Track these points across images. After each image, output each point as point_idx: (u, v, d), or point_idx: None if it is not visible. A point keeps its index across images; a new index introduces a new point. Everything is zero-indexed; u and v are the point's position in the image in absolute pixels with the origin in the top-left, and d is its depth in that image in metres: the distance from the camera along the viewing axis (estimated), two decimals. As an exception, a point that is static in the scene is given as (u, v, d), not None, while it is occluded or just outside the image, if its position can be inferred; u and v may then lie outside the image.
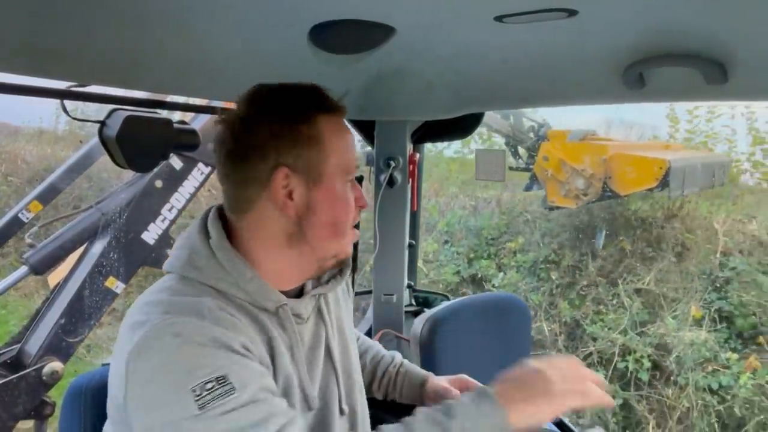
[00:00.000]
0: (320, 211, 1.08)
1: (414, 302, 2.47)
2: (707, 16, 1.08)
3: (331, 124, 1.09)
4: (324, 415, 1.17)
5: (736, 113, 6.05)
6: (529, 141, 6.00)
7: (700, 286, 5.10)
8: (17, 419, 2.73)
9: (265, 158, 1.04)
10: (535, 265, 5.95)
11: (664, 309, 5.13)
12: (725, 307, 4.92)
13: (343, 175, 1.10)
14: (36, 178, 7.92)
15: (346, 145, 1.11)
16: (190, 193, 3.28)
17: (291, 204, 1.06)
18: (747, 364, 4.49)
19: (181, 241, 1.11)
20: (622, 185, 4.96)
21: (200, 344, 0.91)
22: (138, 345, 0.92)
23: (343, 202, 1.10)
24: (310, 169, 1.06)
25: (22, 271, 2.96)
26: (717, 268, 5.13)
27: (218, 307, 0.99)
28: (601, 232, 5.68)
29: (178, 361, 0.90)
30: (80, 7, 0.99)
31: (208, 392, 0.87)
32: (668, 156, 4.80)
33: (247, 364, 0.95)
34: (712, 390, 4.55)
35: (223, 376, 0.89)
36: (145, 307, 1.00)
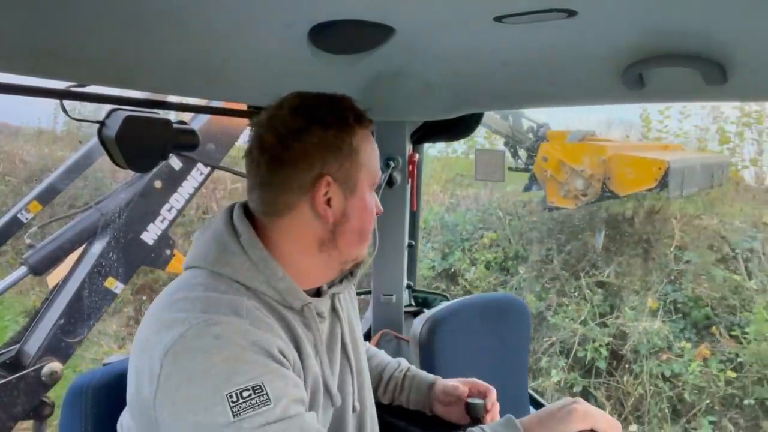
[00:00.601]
0: (352, 219, 1.13)
1: (413, 302, 2.47)
2: (707, 17, 1.08)
3: (364, 136, 1.15)
4: (340, 412, 1.20)
5: (704, 114, 6.31)
6: (529, 141, 6.01)
7: (657, 279, 5.34)
8: (16, 420, 2.73)
9: (312, 166, 1.08)
10: (506, 260, 6.22)
11: (623, 301, 5.36)
12: (680, 299, 5.16)
13: (371, 186, 1.17)
14: (33, 177, 8.11)
15: (375, 156, 1.18)
16: (189, 193, 3.28)
17: (330, 211, 1.10)
18: (697, 352, 4.71)
19: (205, 237, 1.12)
20: (621, 186, 4.97)
21: (241, 348, 0.92)
22: (176, 344, 0.92)
23: (370, 211, 1.16)
24: (348, 179, 1.11)
25: (21, 271, 2.96)
26: (672, 262, 5.39)
27: (255, 307, 1.01)
28: (600, 232, 5.70)
29: (217, 365, 0.90)
30: (80, 8, 0.99)
31: (244, 400, 0.88)
32: (667, 157, 4.81)
33: (283, 373, 0.96)
34: (665, 377, 4.76)
35: (259, 385, 0.90)
36: (180, 303, 1.00)
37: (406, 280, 2.34)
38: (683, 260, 5.37)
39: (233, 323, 0.95)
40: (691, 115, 6.38)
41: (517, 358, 1.99)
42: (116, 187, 3.31)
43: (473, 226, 6.70)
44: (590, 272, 5.70)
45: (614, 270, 5.60)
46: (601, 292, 5.56)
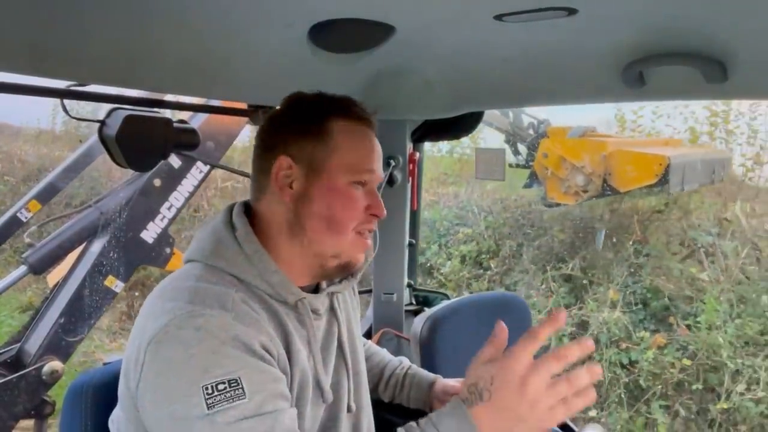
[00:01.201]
0: (316, 202, 1.11)
1: (414, 301, 2.47)
2: (707, 15, 1.08)
3: (346, 127, 1.14)
4: (333, 411, 1.19)
5: (675, 113, 6.42)
6: (529, 138, 6.00)
7: (618, 272, 5.53)
8: (17, 419, 2.73)
9: (276, 146, 1.13)
10: (479, 255, 6.42)
11: (587, 292, 5.56)
12: (639, 291, 5.37)
13: (347, 174, 1.12)
14: (31, 177, 8.21)
15: (357, 147, 1.15)
16: (189, 191, 3.27)
17: (289, 192, 1.11)
18: (653, 341, 4.90)
19: (204, 232, 1.15)
20: (622, 182, 4.97)
21: (220, 341, 0.93)
22: (158, 333, 0.94)
23: (341, 199, 1.12)
24: (312, 161, 1.11)
25: (21, 270, 2.96)
26: (632, 255, 5.60)
27: (242, 300, 1.01)
28: (600, 232, 5.72)
29: (195, 357, 0.91)
30: (80, 7, 0.99)
31: (219, 393, 0.89)
32: (668, 152, 4.80)
33: (262, 368, 0.96)
34: (623, 365, 4.94)
35: (236, 379, 0.90)
36: (170, 292, 1.02)
37: (407, 279, 2.34)
38: (643, 254, 5.61)
39: (216, 316, 0.95)
40: (663, 115, 6.55)
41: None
42: (113, 186, 3.30)
43: (450, 222, 6.88)
44: (556, 266, 5.92)
45: (579, 264, 5.80)
46: (566, 285, 5.77)
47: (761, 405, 4.31)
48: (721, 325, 4.72)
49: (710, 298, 4.86)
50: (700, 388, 4.59)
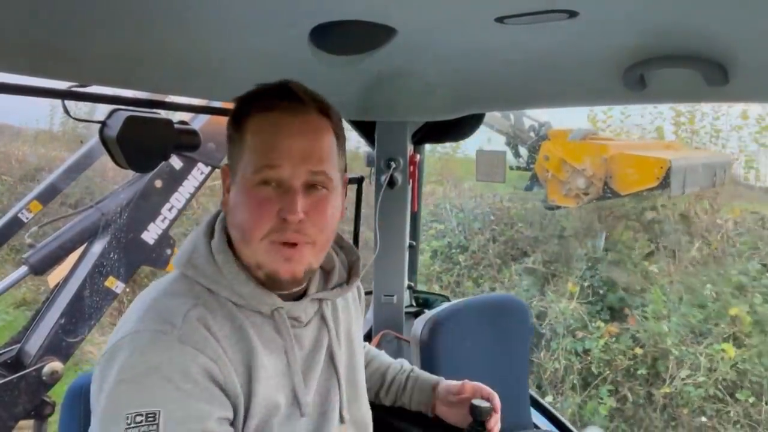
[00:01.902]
0: (234, 211, 1.05)
1: (414, 303, 2.47)
2: (708, 18, 1.08)
3: (257, 120, 1.04)
4: (320, 423, 1.15)
5: (645, 113, 6.53)
6: (530, 140, 6.00)
7: (577, 266, 5.85)
8: (17, 419, 2.73)
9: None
10: (450, 250, 6.62)
11: (550, 284, 5.87)
12: (596, 284, 5.66)
13: (250, 174, 1.01)
14: (28, 176, 8.23)
15: (261, 141, 1.02)
16: (190, 192, 3.27)
17: (225, 199, 1.09)
18: (605, 330, 5.17)
19: (188, 238, 1.12)
20: (623, 185, 4.96)
21: (151, 367, 0.91)
22: (106, 353, 0.95)
23: (247, 204, 1.02)
24: (233, 166, 1.07)
25: (22, 271, 2.96)
26: (590, 250, 5.93)
27: (197, 316, 0.98)
28: (600, 234, 5.74)
29: (124, 382, 0.91)
30: (81, 8, 0.99)
31: (136, 425, 0.87)
32: (669, 155, 4.80)
33: (188, 403, 0.92)
34: (577, 353, 5.18)
35: (153, 413, 0.88)
36: (136, 304, 1.03)
37: (407, 281, 2.34)
38: (602, 249, 5.89)
39: (156, 339, 0.94)
40: (632, 114, 6.65)
41: (518, 358, 1.99)
42: (107, 185, 3.30)
43: (425, 219, 6.91)
44: (520, 260, 6.24)
45: (541, 258, 6.07)
46: (529, 278, 6.05)
47: (700, 389, 4.58)
48: (666, 314, 5.02)
49: (656, 289, 5.17)
50: (646, 373, 4.89)
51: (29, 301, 6.44)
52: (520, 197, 6.68)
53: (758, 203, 6.09)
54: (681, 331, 4.89)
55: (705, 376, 4.61)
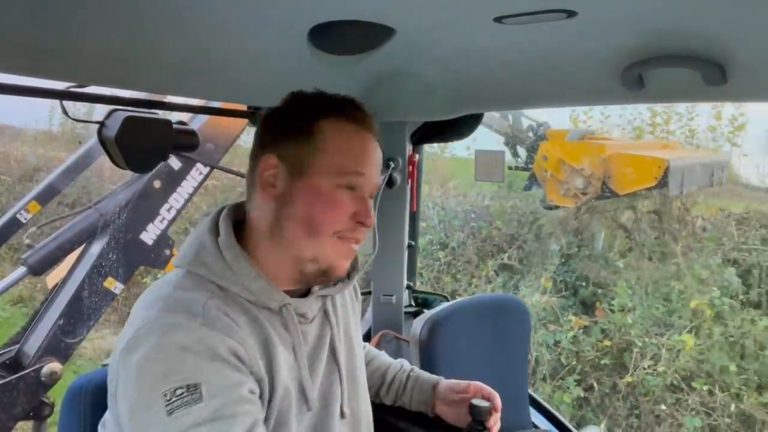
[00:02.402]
0: (297, 204, 1.08)
1: (413, 303, 2.47)
2: (706, 18, 1.08)
3: (337, 127, 1.10)
4: (323, 417, 1.17)
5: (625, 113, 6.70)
6: (529, 140, 6.01)
7: (551, 262, 6.08)
8: (16, 420, 2.72)
9: (265, 147, 1.11)
10: (430, 246, 6.77)
11: (525, 279, 6.09)
12: (569, 278, 5.96)
13: (333, 176, 1.08)
14: (26, 176, 8.46)
15: (346, 148, 1.10)
16: (189, 193, 3.27)
17: (272, 192, 1.09)
18: (574, 323, 5.36)
19: (191, 237, 1.13)
20: (621, 185, 4.96)
21: (181, 347, 0.92)
22: (129, 341, 0.95)
23: (324, 201, 1.08)
24: (297, 161, 1.08)
25: (20, 271, 2.96)
26: (565, 246, 6.18)
27: (215, 306, 1.00)
28: (600, 233, 5.75)
29: (157, 362, 0.92)
30: (79, 8, 0.99)
31: (177, 398, 0.89)
32: (667, 155, 4.80)
33: (225, 373, 0.95)
34: (548, 345, 5.36)
35: (195, 384, 0.90)
36: (146, 301, 1.03)
37: (406, 281, 2.34)
38: (574, 245, 6.17)
39: (182, 323, 0.95)
40: (611, 115, 6.80)
41: (517, 358, 1.99)
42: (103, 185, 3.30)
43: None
44: (496, 256, 6.44)
45: (516, 254, 6.34)
46: (504, 273, 6.30)
47: (659, 378, 4.82)
48: (632, 307, 5.25)
49: (622, 283, 5.40)
50: (612, 364, 5.14)
51: (26, 298, 6.49)
52: (502, 196, 6.92)
53: (729, 201, 6.26)
54: (645, 323, 5.15)
55: (665, 366, 4.83)
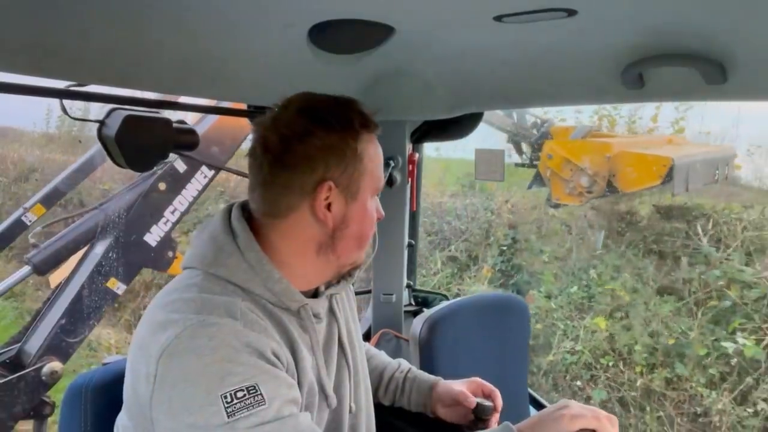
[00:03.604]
0: (352, 225, 1.12)
1: (413, 302, 2.47)
2: (706, 16, 1.08)
3: (370, 142, 1.15)
4: (338, 413, 1.19)
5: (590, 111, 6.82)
6: (533, 137, 6.00)
7: (489, 254, 6.67)
8: (17, 419, 2.73)
9: (315, 170, 1.07)
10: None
11: (469, 270, 6.64)
12: (506, 268, 6.50)
13: (374, 192, 1.17)
14: (21, 177, 8.61)
15: (379, 163, 1.18)
16: (193, 196, 3.30)
17: (329, 216, 1.09)
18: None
19: (202, 238, 1.12)
20: (626, 183, 4.95)
21: (234, 349, 0.92)
22: (171, 345, 0.92)
23: (371, 218, 1.16)
24: (351, 184, 1.11)
25: (24, 271, 2.98)
26: (502, 238, 6.71)
27: (249, 309, 1.01)
28: (600, 233, 5.77)
29: (211, 365, 0.90)
30: (80, 7, 0.99)
31: (238, 401, 0.88)
32: (672, 153, 4.79)
33: (276, 374, 0.96)
34: None
35: (253, 386, 0.90)
36: (175, 304, 1.00)
37: (406, 280, 2.34)
38: (510, 237, 6.67)
39: (227, 325, 0.95)
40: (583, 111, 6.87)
41: (517, 357, 1.99)
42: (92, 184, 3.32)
43: None
44: (444, 248, 6.89)
45: (462, 246, 6.84)
46: (452, 265, 6.77)
47: (575, 356, 5.33)
48: (557, 294, 5.80)
49: (547, 271, 5.99)
50: (538, 345, 5.57)
51: (17, 293, 6.50)
52: (460, 195, 7.40)
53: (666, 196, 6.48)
54: (566, 307, 5.69)
55: (581, 346, 5.32)
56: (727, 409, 4.39)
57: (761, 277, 4.83)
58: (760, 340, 4.51)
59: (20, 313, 6.68)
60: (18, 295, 6.47)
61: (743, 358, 4.51)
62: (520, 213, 6.90)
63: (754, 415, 4.24)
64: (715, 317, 4.90)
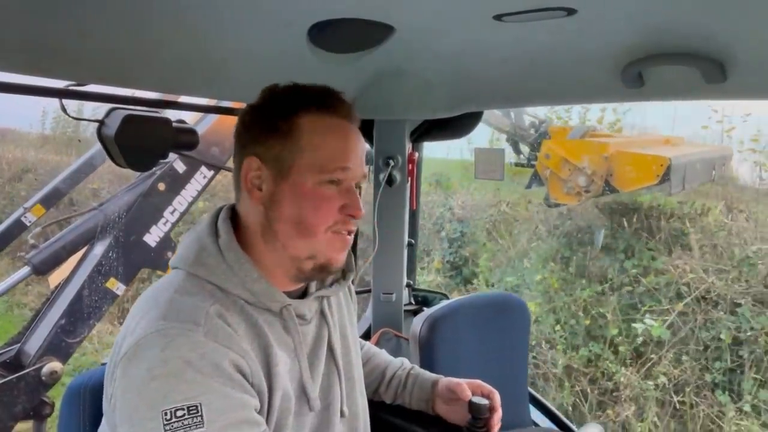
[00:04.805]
0: (284, 205, 1.07)
1: (413, 301, 2.47)
2: (706, 15, 1.08)
3: (315, 122, 1.08)
4: (325, 417, 1.17)
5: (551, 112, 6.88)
6: (531, 137, 6.01)
7: (440, 246, 6.97)
8: (16, 419, 2.73)
9: (245, 148, 1.09)
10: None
11: (422, 261, 6.77)
12: (455, 259, 6.84)
13: (317, 173, 1.06)
14: (15, 178, 8.86)
15: (328, 143, 1.08)
16: (193, 196, 3.30)
17: (258, 194, 1.08)
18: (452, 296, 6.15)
19: (189, 238, 1.11)
20: (623, 183, 4.96)
21: (184, 361, 0.90)
22: (129, 350, 0.93)
23: (311, 200, 1.07)
24: (280, 161, 1.07)
25: (24, 271, 2.98)
26: (451, 232, 7.00)
27: (217, 313, 0.98)
28: (600, 232, 5.78)
29: (157, 379, 0.89)
30: (80, 7, 0.99)
31: (177, 420, 0.87)
32: (669, 153, 4.80)
33: (227, 393, 0.93)
34: None
35: (195, 405, 0.88)
36: (148, 303, 1.00)
37: (406, 279, 2.33)
38: (458, 231, 6.92)
39: (184, 335, 0.93)
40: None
41: (517, 356, 1.99)
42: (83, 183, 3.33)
43: None
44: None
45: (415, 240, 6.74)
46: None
47: None
48: (495, 282, 6.20)
49: (483, 261, 6.35)
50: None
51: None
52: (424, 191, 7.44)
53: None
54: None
55: None
56: (632, 383, 4.76)
57: (672, 265, 5.20)
58: (665, 321, 4.91)
59: (9, 306, 6.79)
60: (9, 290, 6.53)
61: (650, 337, 4.90)
62: (475, 210, 7.11)
63: (655, 387, 4.65)
64: (629, 302, 5.31)
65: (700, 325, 4.81)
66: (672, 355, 4.81)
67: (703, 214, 5.55)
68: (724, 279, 4.92)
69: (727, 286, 4.87)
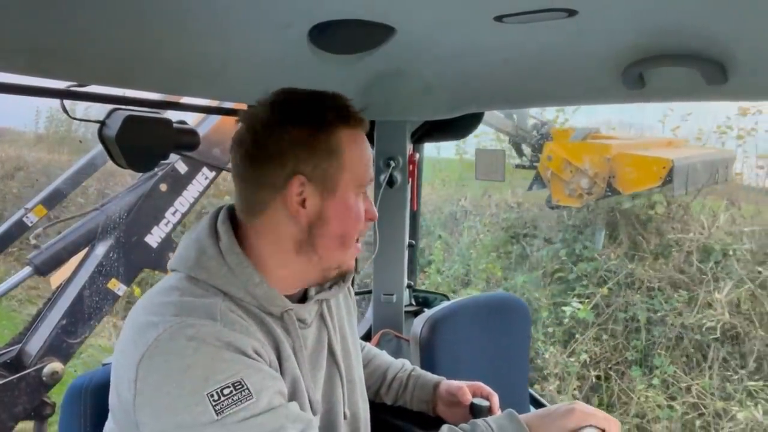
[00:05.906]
0: (331, 222, 1.08)
1: (414, 302, 2.47)
2: (707, 17, 1.08)
3: (350, 136, 1.10)
4: (328, 420, 1.18)
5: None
6: (533, 139, 6.00)
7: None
8: (17, 420, 2.73)
9: (284, 165, 1.05)
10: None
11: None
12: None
13: (356, 188, 1.10)
14: (8, 176, 9.05)
15: (362, 158, 1.12)
16: (194, 197, 3.30)
17: (303, 212, 1.07)
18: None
19: (188, 240, 1.11)
20: (626, 185, 4.96)
21: (216, 347, 0.92)
22: (151, 348, 0.92)
23: (353, 216, 1.10)
24: (326, 179, 1.07)
25: (25, 271, 2.98)
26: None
27: (229, 309, 1.00)
28: (600, 232, 5.77)
29: (193, 366, 0.90)
30: (80, 7, 0.99)
31: (225, 398, 0.88)
32: (672, 155, 4.79)
33: (260, 368, 0.95)
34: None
35: (239, 381, 0.90)
36: (155, 307, 0.99)
37: (407, 280, 2.33)
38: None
39: (206, 325, 0.94)
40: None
41: (518, 357, 1.98)
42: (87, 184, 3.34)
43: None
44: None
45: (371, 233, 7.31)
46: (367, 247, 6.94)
47: None
48: (444, 270, 6.60)
49: (436, 251, 6.72)
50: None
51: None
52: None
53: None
54: (452, 281, 6.56)
55: None
56: (558, 360, 5.19)
57: (599, 253, 5.64)
58: (590, 303, 5.34)
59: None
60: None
61: (576, 319, 5.30)
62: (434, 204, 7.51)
63: (576, 362, 5.12)
64: (560, 286, 5.77)
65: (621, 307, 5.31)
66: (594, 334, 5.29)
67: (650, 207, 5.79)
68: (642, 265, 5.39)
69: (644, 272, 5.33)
